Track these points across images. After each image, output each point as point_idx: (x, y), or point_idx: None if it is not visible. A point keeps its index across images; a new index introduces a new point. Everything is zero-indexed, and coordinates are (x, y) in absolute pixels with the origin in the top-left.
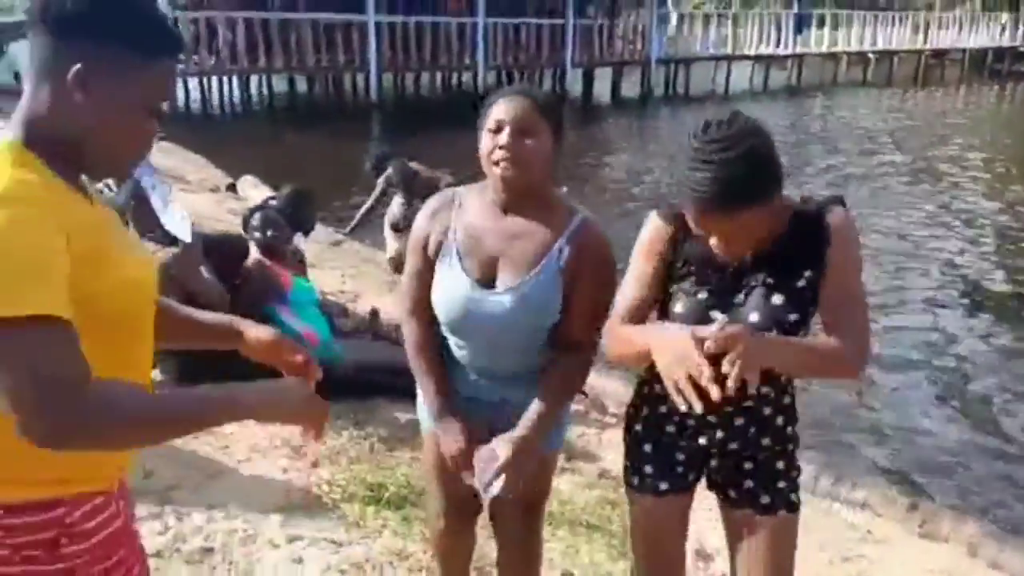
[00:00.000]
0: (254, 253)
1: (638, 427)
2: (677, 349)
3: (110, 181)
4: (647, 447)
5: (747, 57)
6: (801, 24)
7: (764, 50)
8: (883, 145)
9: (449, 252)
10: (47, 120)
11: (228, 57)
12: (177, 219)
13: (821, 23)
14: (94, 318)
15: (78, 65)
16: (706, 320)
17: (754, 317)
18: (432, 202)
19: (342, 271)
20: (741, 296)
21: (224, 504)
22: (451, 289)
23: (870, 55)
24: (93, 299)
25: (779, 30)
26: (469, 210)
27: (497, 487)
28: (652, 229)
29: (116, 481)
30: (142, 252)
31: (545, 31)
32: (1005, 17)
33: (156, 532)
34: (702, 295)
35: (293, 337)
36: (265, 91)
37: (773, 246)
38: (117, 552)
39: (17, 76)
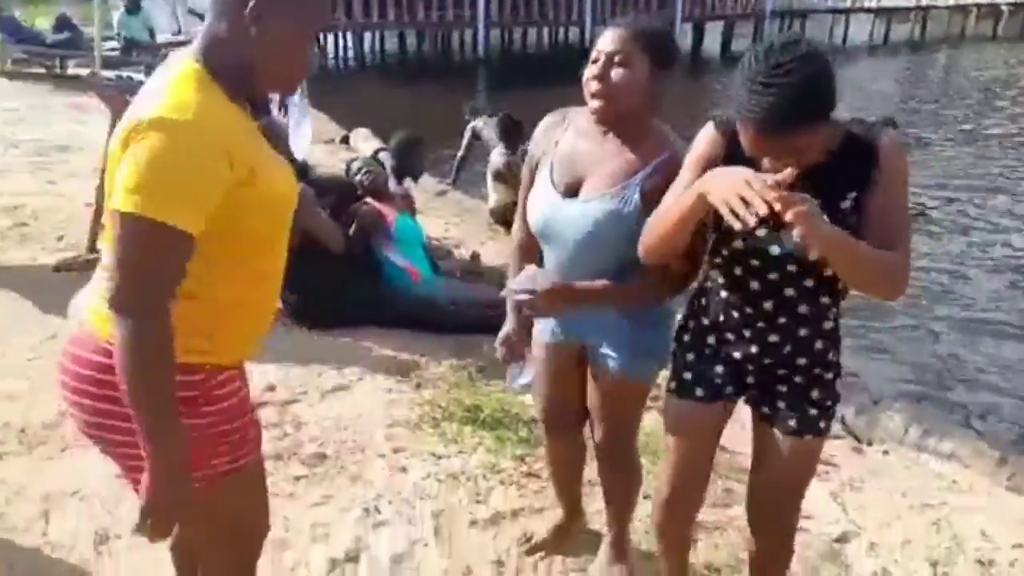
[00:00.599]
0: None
1: (685, 337)
2: (731, 176)
3: None
4: (690, 356)
5: (867, 10)
6: None
7: (886, 2)
8: (1006, 103)
9: (547, 164)
10: (225, 48)
11: (344, 13)
12: (302, 137)
13: None
14: (245, 225)
15: (252, 2)
16: (753, 237)
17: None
18: (546, 120)
19: (446, 219)
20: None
21: (336, 417)
22: (539, 197)
23: (1003, 7)
24: (247, 208)
25: None
26: (574, 129)
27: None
28: (706, 140)
29: (241, 362)
30: (285, 166)
31: None
32: None
33: (276, 438)
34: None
35: (397, 272)
36: (378, 47)
37: (823, 166)
38: (239, 419)
39: (151, 32)
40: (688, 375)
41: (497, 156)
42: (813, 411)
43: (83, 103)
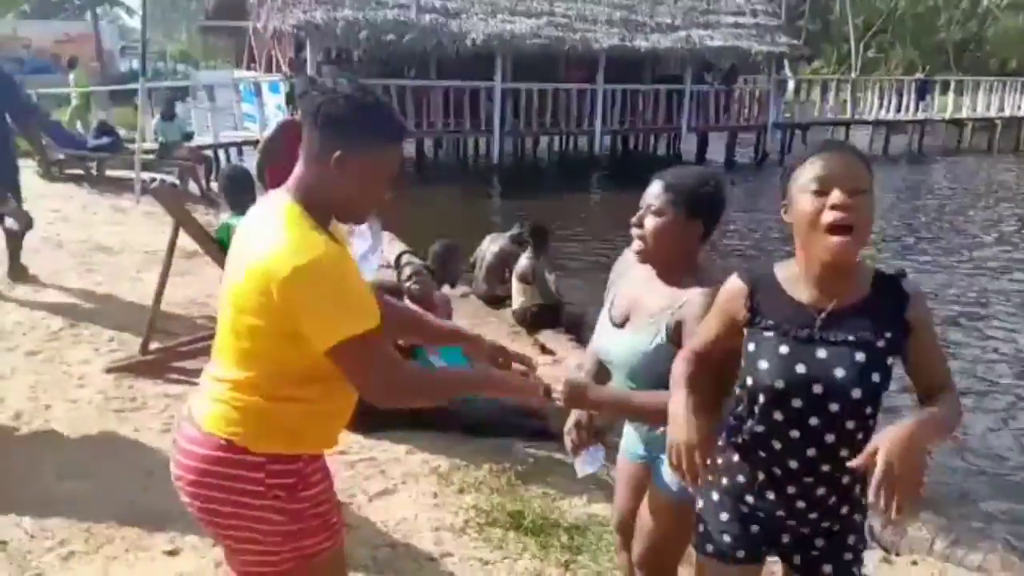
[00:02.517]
0: (407, 301)
1: (715, 495)
2: (680, 436)
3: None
4: (724, 516)
5: (866, 122)
6: (925, 91)
7: (884, 116)
8: (1004, 209)
9: (609, 300)
10: (316, 189)
11: None
12: (374, 260)
13: (945, 89)
14: None
15: (338, 152)
16: (792, 374)
17: (839, 373)
18: (625, 255)
19: (470, 322)
20: (823, 352)
21: (385, 520)
22: (600, 326)
23: (996, 121)
24: None
25: (900, 96)
26: (633, 269)
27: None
28: (728, 287)
29: (326, 452)
30: (369, 287)
31: (662, 97)
32: None
33: None
34: (784, 349)
35: None
36: None
37: (854, 306)
38: (327, 503)
39: (186, 137)
40: (727, 538)
41: (524, 260)
42: (848, 555)
43: (125, 205)
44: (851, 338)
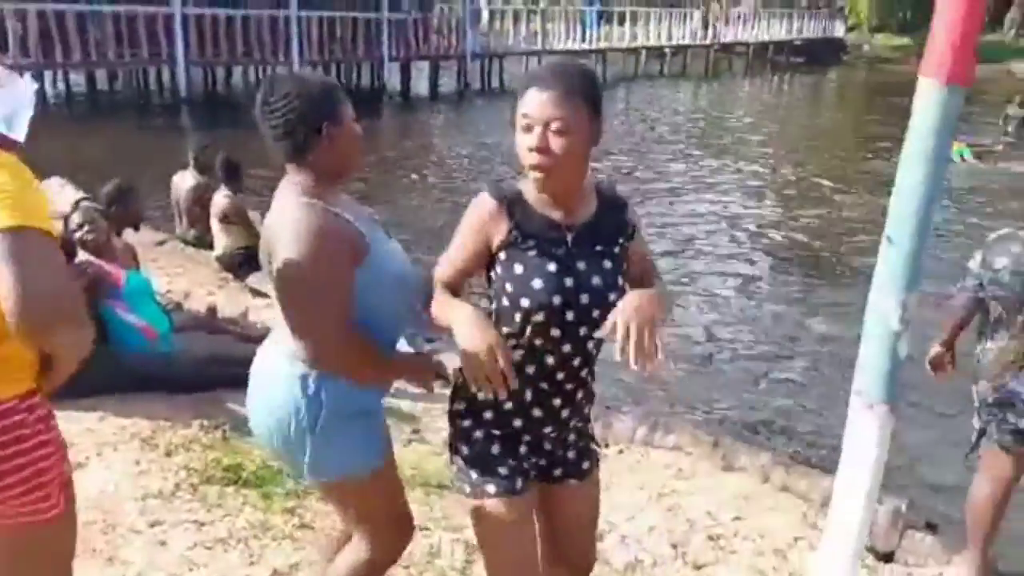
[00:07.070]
0: (81, 253)
1: (478, 432)
2: (477, 339)
3: None
4: (495, 449)
5: (556, 52)
6: (599, 20)
7: (571, 45)
8: (675, 126)
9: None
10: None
11: (18, 52)
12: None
13: (622, 20)
14: None
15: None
16: (565, 289)
17: (596, 280)
18: (486, 207)
19: (167, 270)
20: (582, 264)
21: (78, 499)
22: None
23: (666, 50)
24: None
25: (583, 26)
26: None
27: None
28: (483, 206)
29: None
30: None
31: (360, 25)
32: (780, 13)
33: None
34: (552, 266)
35: (129, 332)
36: (62, 88)
37: (591, 218)
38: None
39: None
40: (503, 470)
41: (221, 199)
42: (592, 445)
43: None
44: (598, 248)
